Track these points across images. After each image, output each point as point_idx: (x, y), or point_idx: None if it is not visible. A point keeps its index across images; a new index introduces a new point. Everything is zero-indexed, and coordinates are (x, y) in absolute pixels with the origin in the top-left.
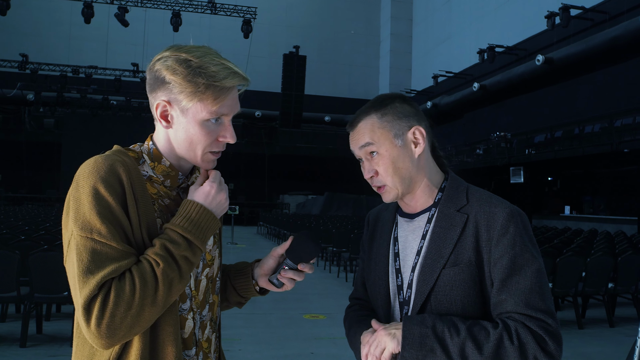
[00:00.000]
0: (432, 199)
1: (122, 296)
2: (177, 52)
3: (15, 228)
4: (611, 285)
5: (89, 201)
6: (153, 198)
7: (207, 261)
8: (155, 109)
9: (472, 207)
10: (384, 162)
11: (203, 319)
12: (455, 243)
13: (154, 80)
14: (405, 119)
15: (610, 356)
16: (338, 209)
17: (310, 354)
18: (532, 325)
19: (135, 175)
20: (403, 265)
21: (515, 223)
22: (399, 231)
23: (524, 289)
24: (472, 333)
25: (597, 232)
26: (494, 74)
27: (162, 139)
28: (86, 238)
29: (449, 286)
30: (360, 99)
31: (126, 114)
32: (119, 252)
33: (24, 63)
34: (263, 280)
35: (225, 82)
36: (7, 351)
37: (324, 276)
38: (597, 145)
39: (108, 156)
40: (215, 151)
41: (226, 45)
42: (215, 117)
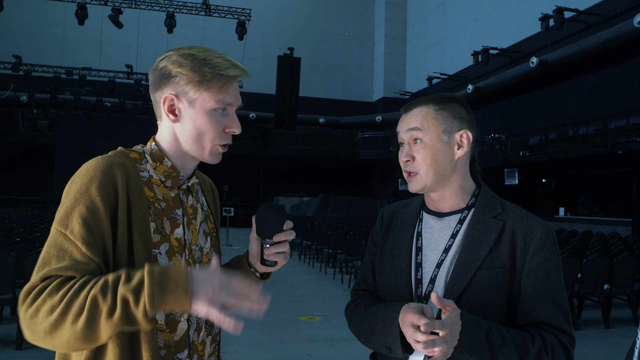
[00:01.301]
0: (464, 203)
1: (52, 296)
2: (180, 50)
3: (10, 230)
4: (607, 286)
5: (76, 199)
6: (149, 201)
7: (204, 264)
8: (163, 103)
9: (509, 216)
10: (425, 151)
11: (199, 322)
12: (491, 247)
13: (160, 77)
14: (458, 120)
15: (605, 357)
16: (333, 210)
17: (307, 355)
18: (562, 339)
19: (133, 178)
20: (425, 260)
21: (551, 240)
22: (423, 226)
23: (557, 302)
24: (517, 345)
25: (592, 234)
26: (488, 76)
27: (167, 136)
28: (60, 232)
29: (482, 288)
30: (354, 100)
31: (120, 115)
32: (82, 255)
33: (17, 64)
34: (259, 266)
35: (229, 72)
36: (3, 353)
37: (319, 278)
38: (591, 147)
39: (109, 157)
40: (223, 144)
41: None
42: (222, 106)
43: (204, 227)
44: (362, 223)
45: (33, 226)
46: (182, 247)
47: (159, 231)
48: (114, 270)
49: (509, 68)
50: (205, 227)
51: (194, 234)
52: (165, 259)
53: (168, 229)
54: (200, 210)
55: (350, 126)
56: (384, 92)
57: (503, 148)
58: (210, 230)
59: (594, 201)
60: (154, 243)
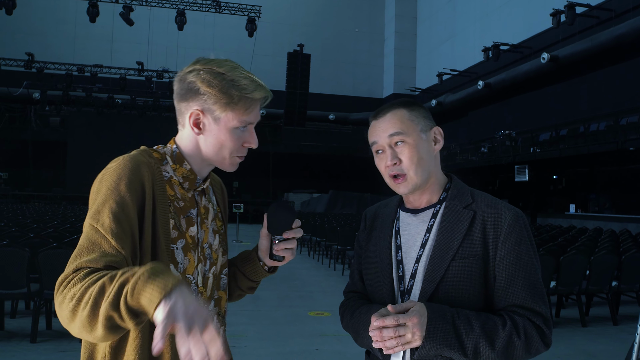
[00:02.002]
0: (437, 197)
1: (75, 285)
2: (209, 66)
3: (24, 226)
4: (615, 283)
5: (107, 195)
6: (170, 200)
7: (213, 259)
8: (189, 117)
9: (479, 205)
10: (410, 151)
11: None
12: (463, 237)
13: (187, 90)
14: (428, 119)
15: (613, 354)
16: (342, 207)
17: (315, 350)
18: (536, 320)
19: (157, 177)
20: (405, 257)
21: (520, 224)
22: (400, 225)
23: (529, 283)
24: (485, 330)
25: (602, 231)
26: (499, 72)
27: (188, 143)
28: (92, 226)
29: (457, 277)
30: (364, 97)
31: (131, 112)
32: (111, 247)
33: (29, 62)
34: (268, 260)
35: (255, 94)
36: (18, 346)
37: (328, 274)
38: (603, 143)
39: (135, 156)
40: (240, 155)
41: (230, 44)
42: (243, 125)
43: (213, 225)
44: None
45: (46, 222)
46: (195, 245)
47: (177, 228)
48: (140, 262)
49: (519, 64)
50: (214, 226)
51: (205, 232)
52: (181, 254)
53: (184, 226)
54: (211, 209)
55: (360, 122)
56: (394, 88)
57: (513, 144)
58: (219, 228)
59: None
60: (172, 239)
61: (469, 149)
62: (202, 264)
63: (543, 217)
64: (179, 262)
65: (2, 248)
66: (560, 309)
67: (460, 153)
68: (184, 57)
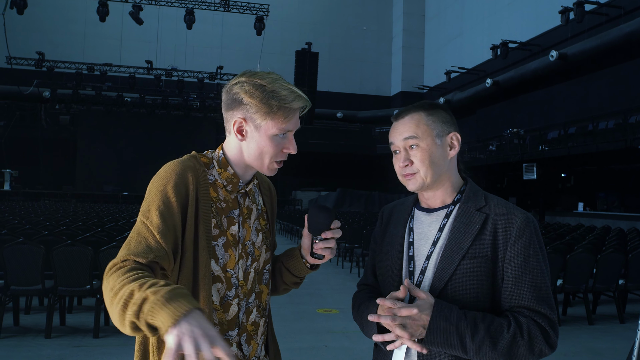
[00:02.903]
0: (451, 198)
1: (117, 279)
2: (252, 78)
3: (37, 224)
4: (622, 281)
5: (156, 196)
6: (212, 201)
7: (255, 256)
8: (233, 125)
9: (491, 209)
10: (422, 154)
11: (249, 305)
12: (474, 238)
13: (232, 100)
14: (447, 124)
15: (619, 352)
16: (350, 205)
17: (323, 347)
18: (540, 321)
19: (202, 181)
20: (417, 253)
21: (530, 228)
22: (414, 222)
23: (536, 286)
24: (490, 332)
25: (610, 229)
26: (507, 69)
27: (233, 149)
28: (142, 222)
29: (465, 276)
30: (372, 95)
31: (140, 110)
32: (155, 242)
33: (40, 61)
34: (309, 258)
35: (293, 104)
36: (33, 342)
37: (336, 271)
38: (611, 141)
39: (184, 161)
40: (279, 160)
41: (239, 43)
42: (282, 132)
43: (256, 224)
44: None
45: (58, 220)
46: (236, 242)
47: (218, 226)
48: (182, 256)
49: (528, 62)
50: (258, 225)
51: (248, 231)
52: (221, 250)
53: (225, 225)
54: (255, 209)
55: (368, 120)
56: (401, 86)
57: (521, 142)
58: (262, 227)
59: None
60: (214, 236)
61: (477, 147)
62: (244, 259)
63: (551, 215)
64: (220, 258)
65: (17, 246)
66: (567, 307)
67: (468, 151)
68: (193, 56)
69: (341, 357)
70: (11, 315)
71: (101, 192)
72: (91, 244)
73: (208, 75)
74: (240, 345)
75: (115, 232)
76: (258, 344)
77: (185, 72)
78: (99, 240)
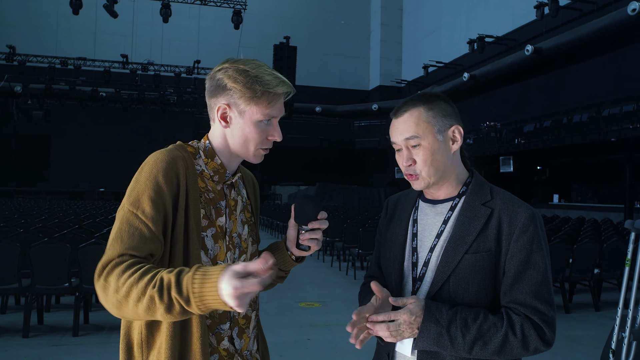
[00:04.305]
0: (456, 191)
1: (119, 278)
2: (236, 64)
3: (12, 221)
4: (597, 270)
5: (146, 185)
6: (201, 191)
7: (243, 248)
8: (217, 111)
9: (497, 203)
10: (424, 153)
11: None
12: (479, 232)
13: (216, 87)
14: (448, 117)
15: (595, 339)
16: (330, 199)
17: (306, 340)
18: (535, 318)
19: (190, 170)
20: (420, 245)
21: (535, 224)
22: (419, 214)
23: (535, 281)
24: (481, 331)
25: (585, 220)
26: (484, 64)
27: (218, 137)
28: (132, 213)
29: (468, 270)
30: (351, 89)
31: (116, 105)
32: (150, 233)
33: (11, 55)
34: (295, 250)
35: (277, 89)
36: (10, 341)
37: (317, 265)
38: (585, 134)
39: (172, 150)
40: (265, 148)
41: (216, 37)
42: (267, 118)
43: (242, 216)
44: (359, 211)
45: (34, 217)
46: (223, 234)
47: (207, 217)
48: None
49: (504, 56)
50: (243, 217)
51: (234, 223)
52: (211, 241)
53: (214, 216)
54: (240, 201)
55: (347, 115)
56: (380, 80)
57: (498, 136)
58: (248, 219)
59: (587, 188)
60: (203, 227)
61: None
62: (231, 252)
63: None
64: (209, 249)
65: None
66: None
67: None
68: (169, 50)
69: (324, 350)
70: None
71: (77, 189)
72: (69, 242)
73: (185, 70)
74: (232, 339)
75: (94, 229)
76: (250, 338)
77: (161, 67)
78: (77, 237)
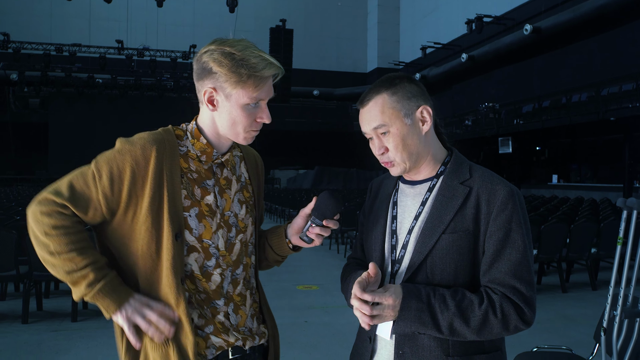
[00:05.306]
0: (435, 171)
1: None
2: (222, 46)
3: (9, 209)
4: (594, 250)
5: (114, 156)
6: (183, 172)
7: (241, 228)
8: (204, 95)
9: (475, 181)
10: (394, 140)
11: (236, 276)
12: (456, 212)
13: (202, 70)
14: (414, 99)
15: (591, 317)
16: (329, 182)
17: (304, 322)
18: (514, 298)
19: (169, 153)
20: (399, 227)
21: (514, 202)
22: (399, 196)
23: (514, 261)
24: (461, 308)
25: (584, 200)
26: (482, 44)
27: (206, 119)
28: (92, 173)
29: (445, 250)
30: (348, 72)
31: (112, 92)
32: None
33: (5, 42)
34: (295, 238)
35: (264, 72)
36: (10, 327)
37: (315, 249)
38: (584, 114)
39: (154, 134)
40: (254, 130)
41: (211, 20)
42: (254, 101)
43: (239, 196)
44: (358, 194)
45: None
46: (213, 212)
47: (189, 197)
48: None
49: (503, 36)
50: (241, 196)
51: (227, 201)
52: (195, 221)
53: (199, 195)
54: (235, 181)
55: (345, 98)
56: (377, 62)
57: (497, 117)
58: (247, 199)
59: (586, 168)
60: (185, 207)
61: (453, 121)
62: (225, 230)
63: (526, 187)
64: (194, 228)
65: None
66: (542, 277)
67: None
68: (164, 35)
69: (321, 332)
70: None
71: None
72: None
73: (181, 55)
74: (228, 314)
75: None
76: (247, 315)
77: (157, 52)
78: None
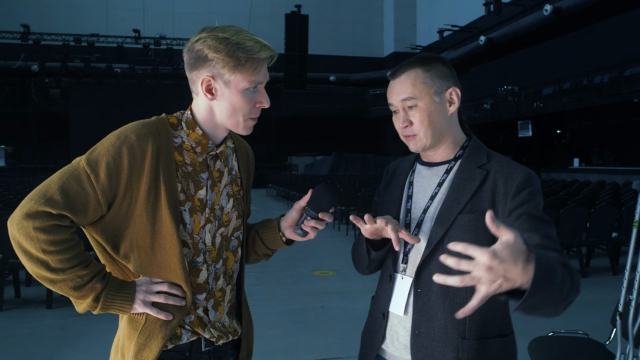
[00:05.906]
0: (453, 154)
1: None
2: (214, 32)
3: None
4: (615, 234)
5: (109, 151)
6: (177, 165)
7: (224, 221)
8: (201, 84)
9: (492, 166)
10: (421, 115)
11: (217, 271)
12: (473, 193)
13: (196, 59)
14: (445, 79)
15: (612, 302)
16: (346, 168)
17: (320, 307)
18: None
19: (164, 145)
20: (414, 206)
21: (531, 184)
22: (415, 176)
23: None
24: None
25: (605, 184)
26: (501, 26)
27: (202, 110)
28: (85, 172)
29: (462, 230)
30: (365, 57)
31: (131, 81)
32: (96, 201)
33: (25, 34)
34: (289, 232)
35: (260, 54)
36: (35, 312)
37: (333, 234)
38: (606, 96)
39: (147, 124)
40: (253, 117)
41: (227, 7)
42: (254, 85)
43: (227, 189)
44: (375, 180)
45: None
46: (203, 207)
47: (184, 191)
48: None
49: (521, 17)
50: (230, 190)
51: (217, 195)
52: (188, 215)
53: (192, 190)
54: (227, 174)
55: (361, 83)
56: (394, 46)
57: (516, 100)
58: (235, 193)
59: (609, 151)
60: (181, 201)
61: (471, 106)
62: (212, 224)
63: (547, 172)
64: (187, 224)
65: None
66: None
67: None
68: (181, 23)
69: (338, 317)
70: (12, 288)
71: None
72: None
73: None
74: (207, 310)
75: None
76: (225, 311)
77: (174, 40)
78: None
